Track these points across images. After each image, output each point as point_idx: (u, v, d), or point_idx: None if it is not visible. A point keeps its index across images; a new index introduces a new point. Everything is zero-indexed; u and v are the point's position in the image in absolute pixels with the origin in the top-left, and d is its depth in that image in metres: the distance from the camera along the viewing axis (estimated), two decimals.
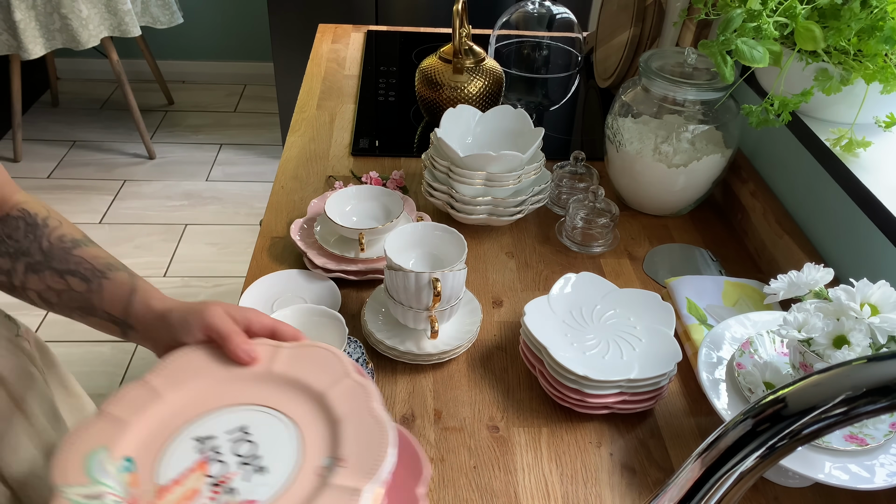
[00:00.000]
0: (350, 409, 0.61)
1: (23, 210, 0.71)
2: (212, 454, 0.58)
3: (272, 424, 0.60)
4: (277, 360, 0.65)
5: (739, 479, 0.39)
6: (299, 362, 0.65)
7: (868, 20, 0.87)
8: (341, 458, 0.57)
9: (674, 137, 1.11)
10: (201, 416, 0.61)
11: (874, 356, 0.38)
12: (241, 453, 0.58)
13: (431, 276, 0.84)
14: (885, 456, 0.71)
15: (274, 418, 0.61)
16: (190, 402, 0.62)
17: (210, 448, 0.59)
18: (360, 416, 0.61)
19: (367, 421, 0.60)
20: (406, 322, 0.90)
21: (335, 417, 0.61)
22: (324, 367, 0.64)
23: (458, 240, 0.92)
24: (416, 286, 0.84)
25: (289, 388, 0.63)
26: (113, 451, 0.58)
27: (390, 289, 0.88)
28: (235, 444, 0.59)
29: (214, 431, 0.60)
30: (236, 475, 0.57)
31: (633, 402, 0.83)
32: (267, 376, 0.64)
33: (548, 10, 1.70)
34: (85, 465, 0.57)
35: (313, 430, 0.60)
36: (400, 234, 0.93)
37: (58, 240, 0.71)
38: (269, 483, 0.56)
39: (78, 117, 3.26)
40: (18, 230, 0.70)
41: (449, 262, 0.92)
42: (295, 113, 1.47)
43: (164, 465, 0.58)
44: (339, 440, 0.59)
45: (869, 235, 0.93)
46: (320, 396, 0.62)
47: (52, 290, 0.69)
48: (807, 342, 0.71)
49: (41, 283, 0.69)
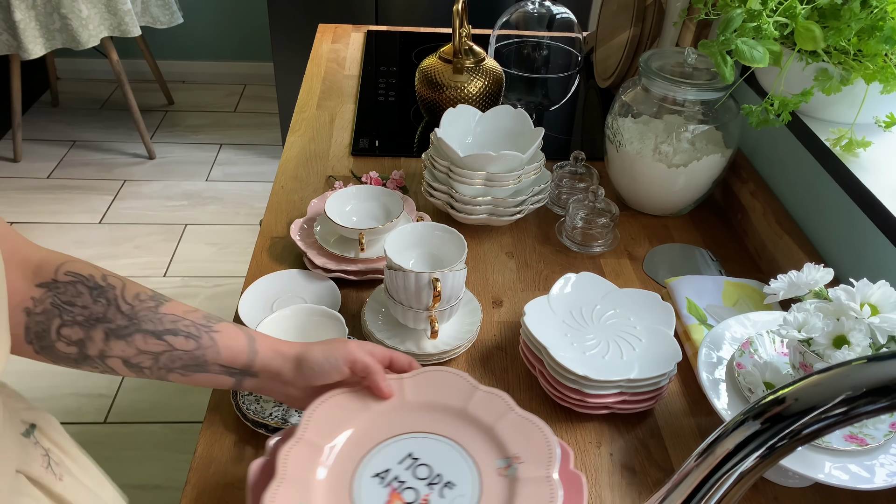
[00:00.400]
0: (495, 414, 0.67)
1: (74, 274, 0.66)
2: (397, 484, 0.62)
3: (433, 446, 0.65)
4: (406, 391, 0.70)
5: (739, 479, 0.39)
6: (428, 387, 0.70)
7: (868, 20, 0.87)
8: (515, 456, 0.63)
9: (674, 137, 1.11)
10: (366, 455, 0.65)
11: (874, 356, 0.38)
12: (422, 476, 0.63)
13: (431, 276, 0.84)
14: (885, 456, 0.71)
15: (431, 440, 0.66)
16: (349, 445, 0.65)
17: (392, 479, 0.63)
18: (508, 418, 0.66)
19: (516, 420, 0.66)
20: (406, 322, 0.90)
21: (486, 425, 0.66)
22: (452, 387, 0.70)
23: (458, 240, 0.92)
24: (416, 286, 0.84)
25: (430, 411, 0.68)
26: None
27: (390, 289, 0.88)
28: (412, 469, 0.63)
29: (387, 465, 0.64)
30: (430, 495, 0.61)
31: (633, 402, 0.83)
32: (404, 407, 0.69)
33: (548, 10, 1.70)
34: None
35: (472, 442, 0.65)
36: (400, 234, 0.93)
37: (135, 299, 0.67)
38: (463, 494, 0.61)
39: (78, 117, 3.26)
40: (81, 296, 0.65)
41: (449, 262, 0.92)
42: (295, 113, 1.47)
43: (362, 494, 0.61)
44: (502, 443, 0.65)
45: (869, 235, 0.93)
46: (461, 412, 0.68)
47: (145, 354, 0.66)
48: (807, 342, 0.71)
49: (130, 348, 0.65)
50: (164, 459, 1.86)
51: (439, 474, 0.63)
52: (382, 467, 0.64)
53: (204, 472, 0.77)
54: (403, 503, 0.61)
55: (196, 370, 0.68)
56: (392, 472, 0.63)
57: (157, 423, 1.95)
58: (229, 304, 2.31)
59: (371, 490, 0.62)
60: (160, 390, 2.03)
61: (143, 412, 1.97)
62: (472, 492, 0.62)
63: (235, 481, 0.76)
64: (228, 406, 0.84)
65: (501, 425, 0.66)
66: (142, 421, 1.95)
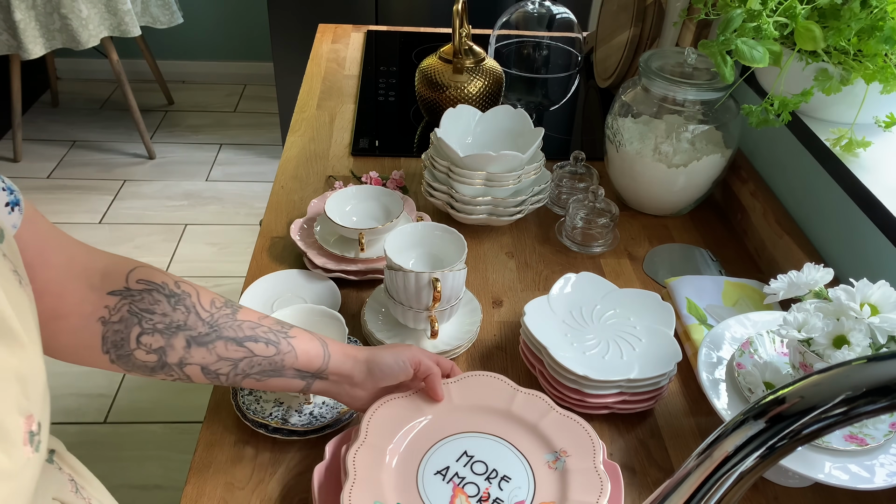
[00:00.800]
0: (537, 413, 0.74)
1: (146, 281, 0.65)
2: (458, 480, 0.68)
3: (485, 444, 0.71)
4: (454, 394, 0.76)
5: (739, 479, 0.39)
6: (473, 391, 0.77)
7: (868, 20, 0.87)
8: (562, 450, 0.69)
9: (674, 137, 1.11)
10: (425, 454, 0.71)
11: (874, 356, 0.38)
12: (479, 472, 0.69)
13: (431, 276, 0.84)
14: (885, 456, 0.71)
15: (483, 439, 0.72)
16: (409, 446, 0.71)
17: (453, 475, 0.69)
18: (550, 416, 0.73)
19: (558, 418, 0.73)
20: (406, 322, 0.90)
21: (530, 423, 0.73)
22: (495, 389, 0.77)
23: (458, 240, 0.92)
24: (416, 286, 0.84)
25: (477, 413, 0.74)
26: (385, 503, 0.66)
27: (390, 289, 0.88)
28: (469, 466, 0.70)
29: (446, 463, 0.70)
30: (490, 488, 0.68)
31: (633, 402, 0.83)
32: (454, 409, 0.75)
33: (548, 10, 1.70)
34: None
35: (519, 439, 0.72)
36: (400, 234, 0.93)
37: (212, 307, 0.68)
38: (520, 486, 0.68)
39: (78, 117, 3.26)
40: (160, 303, 0.65)
41: (449, 262, 0.92)
42: (295, 113, 1.47)
43: (430, 500, 0.67)
44: (548, 439, 0.72)
45: (869, 235, 0.93)
46: (506, 412, 0.74)
47: (224, 361, 0.67)
48: (807, 342, 0.71)
49: (211, 355, 0.66)
50: (164, 459, 1.86)
51: (495, 469, 0.69)
52: (442, 465, 0.69)
53: (204, 472, 0.77)
54: (467, 497, 0.67)
55: (272, 375, 0.70)
56: (452, 469, 0.69)
57: (157, 423, 1.95)
58: None
59: (436, 486, 0.68)
60: (160, 390, 2.04)
61: (143, 412, 1.97)
62: (528, 484, 0.68)
63: (235, 481, 0.76)
64: (228, 406, 0.84)
65: (545, 423, 0.73)
66: (142, 421, 1.95)
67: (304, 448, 0.80)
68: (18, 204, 0.56)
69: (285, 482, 0.76)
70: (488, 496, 0.67)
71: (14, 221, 0.55)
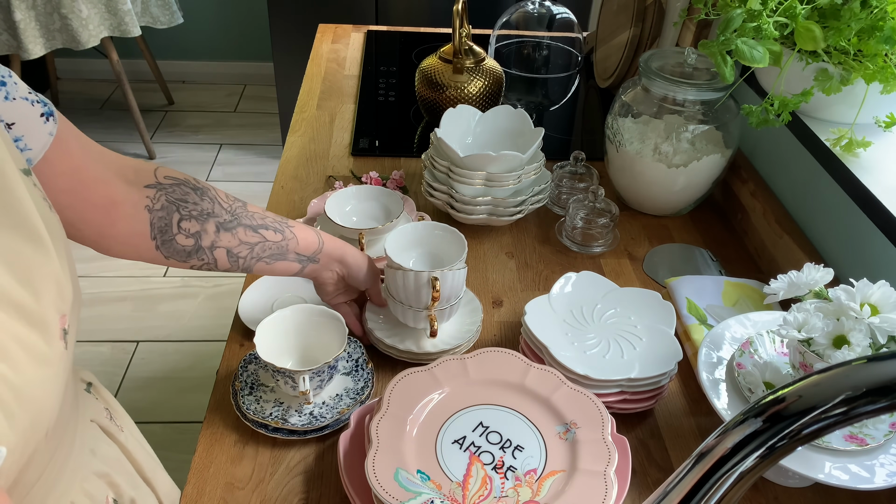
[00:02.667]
0: (549, 388, 0.77)
1: (172, 177, 0.75)
2: (474, 448, 0.72)
3: (499, 416, 0.75)
4: (469, 369, 0.80)
5: (739, 479, 0.39)
6: (488, 365, 0.80)
7: (868, 20, 0.87)
8: (572, 422, 0.73)
9: (674, 137, 1.11)
10: (443, 424, 0.75)
11: (874, 356, 0.38)
12: (493, 441, 0.73)
13: (430, 274, 0.84)
14: (885, 456, 0.71)
15: (497, 411, 0.76)
16: (428, 417, 0.75)
17: (469, 444, 0.73)
18: (562, 391, 0.77)
19: (570, 392, 0.77)
20: (406, 321, 0.90)
21: (543, 397, 0.77)
22: (509, 364, 0.80)
23: (458, 239, 0.92)
24: (416, 285, 0.84)
25: (492, 386, 0.78)
26: (407, 470, 0.70)
27: (390, 288, 0.88)
28: (485, 436, 0.73)
29: (463, 433, 0.74)
30: (504, 457, 0.71)
31: (634, 401, 0.83)
32: (469, 383, 0.79)
33: (548, 10, 1.70)
34: (398, 485, 0.69)
35: (533, 411, 0.76)
36: (400, 234, 0.93)
37: (228, 199, 0.79)
38: (532, 454, 0.71)
39: (78, 117, 3.26)
40: (189, 195, 0.75)
41: (449, 262, 0.92)
42: (295, 113, 1.47)
43: (448, 468, 0.71)
44: (559, 412, 0.75)
45: (869, 235, 0.93)
46: (520, 386, 0.78)
47: (244, 245, 0.79)
48: (807, 342, 0.71)
49: (234, 239, 0.78)
50: (164, 459, 1.85)
51: (509, 439, 0.73)
52: (459, 435, 0.74)
53: (204, 472, 0.77)
54: (482, 464, 0.70)
55: (278, 258, 0.82)
56: (468, 439, 0.73)
57: (157, 423, 1.95)
58: (229, 304, 2.31)
59: (453, 454, 0.71)
60: (160, 390, 2.04)
61: (143, 412, 1.97)
62: (539, 453, 0.72)
63: (235, 481, 0.76)
64: (228, 406, 0.84)
65: (556, 396, 0.77)
66: (142, 421, 1.94)
67: (304, 448, 0.80)
68: (52, 115, 0.63)
69: (285, 482, 0.76)
70: (502, 464, 0.70)
71: (50, 130, 0.63)
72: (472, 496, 0.68)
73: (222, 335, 2.18)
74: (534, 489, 0.68)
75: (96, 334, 2.19)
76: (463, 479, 0.70)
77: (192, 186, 0.76)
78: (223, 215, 0.77)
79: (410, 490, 0.68)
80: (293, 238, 0.83)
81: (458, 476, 0.70)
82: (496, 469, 0.70)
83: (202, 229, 0.75)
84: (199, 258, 0.77)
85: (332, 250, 0.87)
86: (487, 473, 0.70)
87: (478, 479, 0.70)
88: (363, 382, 0.85)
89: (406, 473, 0.69)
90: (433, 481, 0.69)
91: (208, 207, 0.76)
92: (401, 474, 0.69)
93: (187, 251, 0.75)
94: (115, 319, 2.25)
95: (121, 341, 2.17)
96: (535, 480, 0.69)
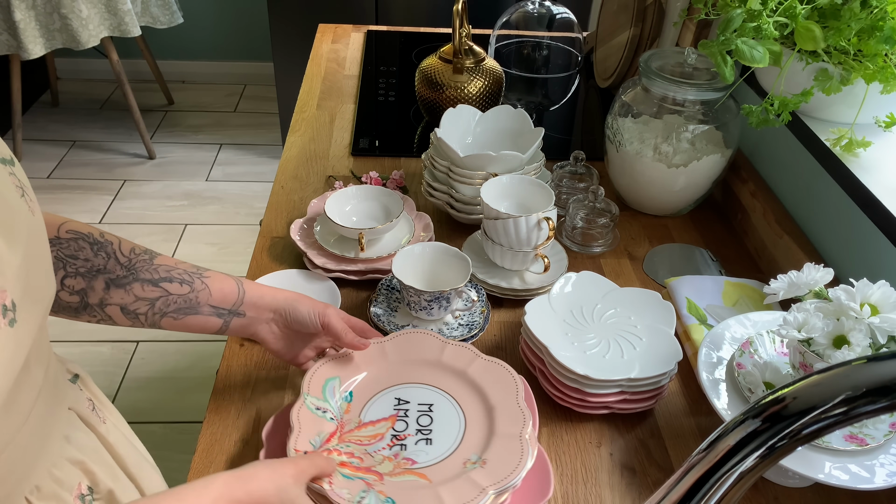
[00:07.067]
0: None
1: (74, 231, 0.72)
2: (401, 414, 0.77)
3: (449, 410, 0.77)
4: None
5: (739, 479, 0.39)
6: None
7: (868, 20, 0.87)
8: (484, 461, 0.72)
9: (674, 137, 1.11)
10: (405, 384, 0.80)
11: (874, 356, 0.38)
12: (421, 423, 0.76)
13: (540, 216, 0.94)
14: (885, 456, 0.71)
15: (451, 405, 0.78)
16: (401, 370, 0.81)
17: (403, 410, 0.77)
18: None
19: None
20: (513, 266, 1.00)
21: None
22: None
23: (545, 190, 1.01)
24: (526, 228, 0.94)
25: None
26: (342, 383, 0.78)
27: (494, 237, 0.98)
28: (420, 415, 0.77)
29: (410, 399, 0.79)
30: (410, 437, 0.74)
31: (634, 401, 0.83)
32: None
33: (548, 10, 1.70)
34: (323, 386, 0.78)
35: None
36: (494, 185, 1.01)
37: (131, 253, 0.74)
38: (429, 454, 0.73)
39: (78, 117, 3.26)
40: (83, 250, 0.71)
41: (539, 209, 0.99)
42: (295, 113, 1.47)
43: (370, 407, 0.77)
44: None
45: (869, 235, 0.93)
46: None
47: (142, 301, 0.73)
48: (807, 342, 0.71)
49: (129, 296, 0.73)
50: (164, 459, 1.85)
51: (431, 430, 0.75)
52: (406, 398, 0.78)
53: (204, 472, 0.77)
54: (392, 427, 0.75)
55: (188, 312, 0.75)
56: (408, 406, 0.78)
57: (157, 423, 1.95)
58: None
59: (385, 403, 0.78)
60: (160, 390, 2.04)
61: (143, 412, 1.97)
62: (435, 458, 0.73)
63: None
64: (228, 406, 0.84)
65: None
66: (142, 421, 1.95)
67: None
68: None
69: None
70: (402, 438, 0.74)
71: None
72: (357, 435, 0.74)
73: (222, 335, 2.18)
74: (392, 469, 0.71)
75: (96, 334, 2.19)
76: (366, 423, 0.75)
77: (91, 241, 0.72)
78: (117, 271, 0.72)
79: (323, 394, 0.76)
80: (204, 289, 0.76)
81: (367, 418, 0.76)
82: (395, 437, 0.74)
83: (88, 286, 0.71)
84: (89, 314, 0.73)
85: (258, 299, 0.78)
86: (384, 434, 0.74)
87: (374, 430, 0.75)
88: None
89: (338, 384, 0.78)
90: (350, 405, 0.77)
91: (100, 263, 0.72)
92: (332, 382, 0.78)
93: (74, 308, 0.72)
94: None
95: (121, 341, 2.17)
96: (405, 467, 0.72)
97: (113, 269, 0.72)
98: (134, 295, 0.73)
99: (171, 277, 0.75)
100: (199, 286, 0.76)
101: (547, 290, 0.97)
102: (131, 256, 0.74)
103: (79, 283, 0.71)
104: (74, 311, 0.72)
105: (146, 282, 0.73)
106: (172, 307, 0.74)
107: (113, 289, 0.72)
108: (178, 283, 0.75)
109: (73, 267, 0.71)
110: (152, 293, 0.73)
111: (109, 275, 0.72)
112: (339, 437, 0.74)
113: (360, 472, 0.71)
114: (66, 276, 0.70)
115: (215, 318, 0.77)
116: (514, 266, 1.00)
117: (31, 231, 0.57)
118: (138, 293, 0.73)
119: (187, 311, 0.75)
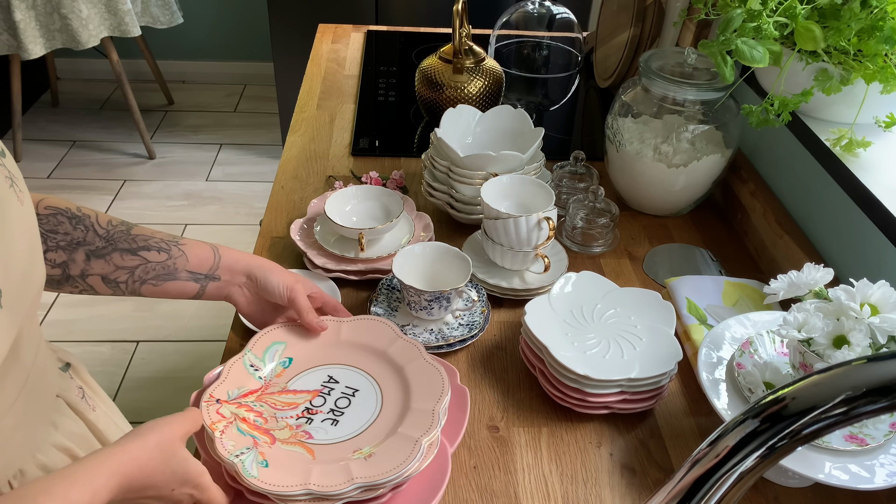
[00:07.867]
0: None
1: (53, 207, 0.74)
2: (325, 391, 0.78)
3: (370, 400, 0.77)
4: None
5: (739, 479, 0.39)
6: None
7: (868, 20, 0.87)
8: (372, 454, 0.71)
9: (674, 137, 1.11)
10: (342, 365, 0.81)
11: (874, 356, 0.38)
12: (338, 405, 0.76)
13: (540, 216, 0.94)
14: (885, 456, 0.71)
15: (375, 396, 0.78)
16: (346, 351, 0.82)
17: (329, 388, 0.78)
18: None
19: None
20: (513, 265, 1.00)
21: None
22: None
23: (545, 191, 1.01)
24: (527, 228, 0.95)
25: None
26: (287, 348, 0.80)
27: (494, 237, 0.98)
28: (342, 397, 0.77)
29: (340, 380, 0.79)
30: (321, 413, 0.75)
31: (634, 401, 0.83)
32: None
33: (548, 10, 1.70)
34: (267, 347, 0.80)
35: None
36: (495, 185, 1.01)
37: (108, 224, 0.76)
38: (328, 433, 0.73)
39: (78, 117, 3.26)
40: (62, 224, 0.74)
41: (538, 211, 0.99)
42: (295, 113, 1.47)
43: (301, 378, 0.79)
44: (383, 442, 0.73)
45: (869, 235, 0.93)
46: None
47: (122, 269, 0.76)
48: (807, 342, 0.71)
49: (109, 265, 0.75)
50: None
51: (343, 414, 0.76)
52: (337, 377, 0.79)
53: None
54: (310, 401, 0.76)
55: (167, 279, 0.78)
56: (335, 385, 0.78)
57: None
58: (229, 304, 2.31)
59: (316, 378, 0.79)
60: (160, 390, 2.04)
61: (144, 412, 1.97)
62: (329, 441, 0.73)
63: None
64: None
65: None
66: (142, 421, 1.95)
67: None
68: None
69: None
70: (313, 413, 0.75)
71: None
72: (275, 399, 0.76)
73: (222, 335, 2.18)
74: (288, 437, 0.72)
75: (96, 334, 2.19)
76: (290, 390, 0.77)
77: (69, 216, 0.74)
78: (96, 242, 0.75)
79: (264, 355, 0.79)
80: (181, 256, 0.78)
81: (293, 387, 0.77)
82: (307, 410, 0.75)
83: (69, 259, 0.74)
84: (71, 285, 0.75)
85: (233, 263, 0.81)
86: (300, 404, 0.76)
87: (294, 398, 0.76)
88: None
89: (282, 349, 0.80)
90: (284, 371, 0.79)
91: (80, 236, 0.74)
92: (277, 345, 0.80)
93: (56, 280, 0.74)
94: (115, 319, 2.25)
95: (121, 341, 2.17)
96: (299, 438, 0.72)
97: (92, 241, 0.74)
98: (114, 264, 0.75)
99: (148, 246, 0.77)
100: (176, 253, 0.78)
101: (547, 290, 0.97)
102: (109, 228, 0.76)
103: (60, 256, 0.73)
104: (57, 284, 0.74)
105: (125, 251, 0.76)
106: (151, 274, 0.77)
107: (93, 259, 0.74)
108: (155, 250, 0.77)
109: (54, 241, 0.73)
110: (131, 262, 0.76)
111: (89, 246, 0.74)
112: (258, 397, 0.75)
113: (256, 432, 0.72)
114: (47, 251, 0.72)
115: (192, 282, 0.79)
116: (514, 266, 1.00)
117: (20, 220, 0.58)
118: (118, 262, 0.75)
119: (166, 278, 0.78)
